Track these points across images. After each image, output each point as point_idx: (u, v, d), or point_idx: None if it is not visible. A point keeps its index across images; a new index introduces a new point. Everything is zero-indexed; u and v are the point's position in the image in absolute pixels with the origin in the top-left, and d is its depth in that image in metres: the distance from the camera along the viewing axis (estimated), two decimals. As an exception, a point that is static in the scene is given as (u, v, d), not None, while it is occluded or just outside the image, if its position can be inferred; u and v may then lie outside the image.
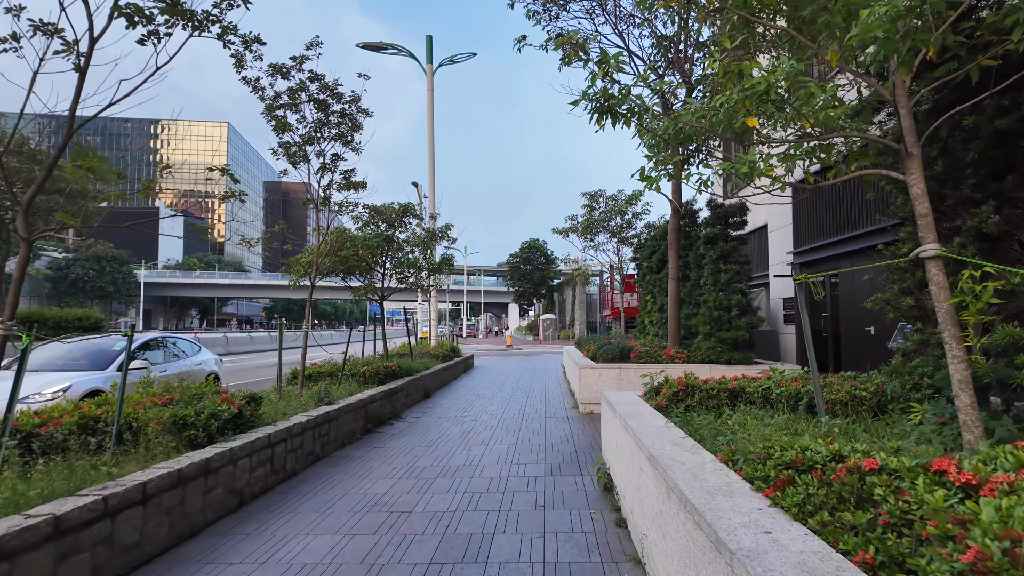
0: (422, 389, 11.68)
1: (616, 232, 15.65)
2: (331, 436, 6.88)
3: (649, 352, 9.70)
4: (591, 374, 9.35)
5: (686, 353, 9.71)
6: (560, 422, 8.65)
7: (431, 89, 19.65)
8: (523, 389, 13.07)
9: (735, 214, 9.68)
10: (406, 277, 12.08)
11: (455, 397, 11.92)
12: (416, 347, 16.15)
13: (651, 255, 12.69)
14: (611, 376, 9.31)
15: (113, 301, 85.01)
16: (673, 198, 10.21)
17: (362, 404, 7.97)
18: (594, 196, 15.72)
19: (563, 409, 9.93)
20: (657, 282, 12.15)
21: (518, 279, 61.00)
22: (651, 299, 12.63)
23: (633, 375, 9.27)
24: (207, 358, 11.11)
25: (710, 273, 9.55)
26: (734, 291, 9.32)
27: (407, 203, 11.82)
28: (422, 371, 12.14)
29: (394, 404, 9.47)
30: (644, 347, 10.21)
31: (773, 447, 2.63)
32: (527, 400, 11.20)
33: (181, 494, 4.15)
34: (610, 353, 9.74)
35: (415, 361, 13.01)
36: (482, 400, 11.39)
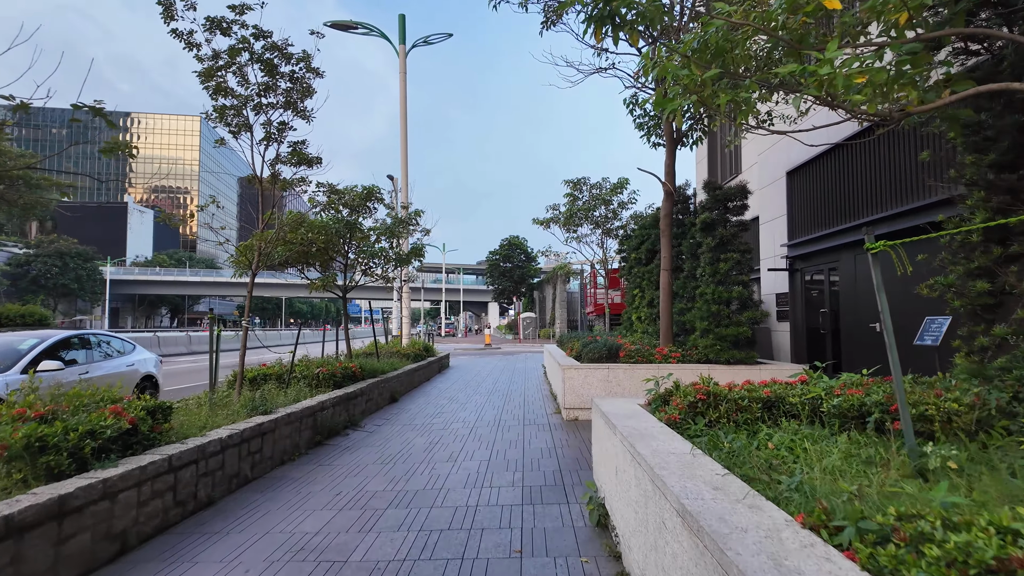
0: (387, 392, 10.51)
1: (600, 223, 14.61)
2: (265, 453, 5.70)
3: (640, 351, 8.68)
4: (576, 376, 8.29)
5: (680, 352, 8.72)
6: (541, 431, 7.57)
7: (403, 72, 18.46)
8: (500, 391, 11.98)
9: (735, 197, 8.71)
10: (371, 268, 10.90)
11: (425, 401, 10.78)
12: (386, 346, 14.96)
13: (639, 245, 11.71)
14: (598, 378, 8.26)
15: (78, 299, 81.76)
16: (666, 180, 9.21)
17: (309, 412, 6.79)
18: (577, 184, 14.65)
19: (544, 415, 8.85)
20: (646, 275, 11.17)
21: (498, 277, 59.90)
22: (639, 294, 11.65)
23: (623, 377, 8.24)
24: (142, 358, 9.78)
25: (708, 263, 8.57)
26: (734, 283, 8.34)
27: (371, 185, 10.64)
28: (388, 372, 10.98)
29: (351, 411, 8.31)
30: (634, 345, 9.19)
31: (922, 526, 1.52)
32: (504, 404, 10.11)
33: (13, 550, 2.96)
34: (596, 352, 8.70)
35: (381, 362, 11.83)
36: (454, 404, 10.27)
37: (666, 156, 9.30)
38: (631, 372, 8.26)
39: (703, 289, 8.57)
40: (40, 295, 74.09)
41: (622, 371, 8.26)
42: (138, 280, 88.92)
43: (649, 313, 10.84)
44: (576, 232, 14.82)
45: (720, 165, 18.67)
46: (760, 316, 8.23)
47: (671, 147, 9.20)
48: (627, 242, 12.83)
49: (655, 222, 11.45)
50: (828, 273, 12.45)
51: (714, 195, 8.75)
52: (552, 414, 8.90)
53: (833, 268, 12.25)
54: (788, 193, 13.71)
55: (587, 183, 14.71)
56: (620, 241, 13.69)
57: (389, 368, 11.40)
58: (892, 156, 10.25)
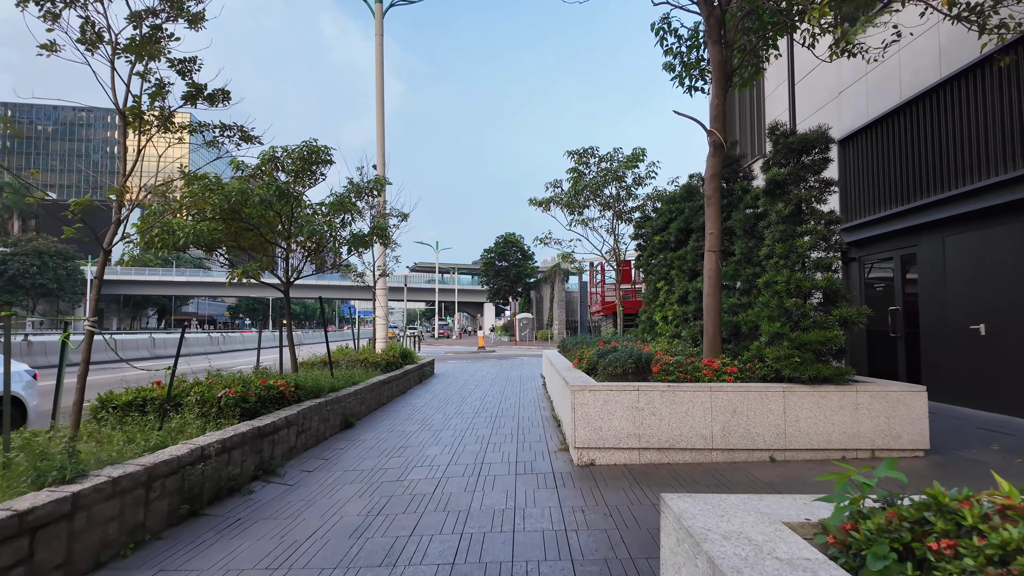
0: (339, 416, 7.96)
1: (611, 204, 12.05)
2: (43, 560, 3.14)
3: (681, 364, 6.14)
4: (591, 401, 5.74)
5: (737, 365, 6.20)
6: (543, 490, 5.02)
7: (380, 34, 15.93)
8: (489, 411, 9.42)
9: (814, 146, 6.18)
10: (316, 250, 8.33)
11: (388, 427, 8.22)
12: (353, 353, 12.40)
13: (666, 225, 9.18)
14: (624, 405, 5.72)
15: (59, 300, 78.82)
16: (713, 126, 6.68)
17: (169, 469, 4.23)
18: (583, 156, 12.05)
19: (546, 454, 6.30)
20: (676, 262, 8.65)
21: (493, 276, 57.36)
22: (665, 287, 9.13)
23: (662, 404, 5.70)
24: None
25: (778, 239, 6.05)
26: (818, 267, 5.82)
27: (317, 144, 8.09)
28: (341, 389, 8.42)
29: (268, 451, 5.75)
30: (671, 355, 6.66)
31: None
32: (492, 434, 7.56)
33: None
34: (619, 365, 6.16)
35: (337, 374, 9.27)
36: (426, 433, 7.71)
37: (712, 96, 6.78)
38: (672, 396, 5.72)
39: (771, 276, 6.04)
40: (17, 295, 71.24)
41: (658, 395, 5.72)
42: (122, 280, 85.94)
43: (681, 312, 8.31)
44: (582, 215, 12.28)
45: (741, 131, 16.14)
46: (858, 315, 5.70)
47: (720, 81, 6.68)
48: (647, 224, 10.30)
49: (688, 194, 8.91)
50: (900, 262, 9.92)
51: (786, 144, 6.22)
52: (557, 452, 6.35)
53: (908, 255, 9.72)
54: (840, 166, 11.21)
55: (595, 154, 12.09)
56: (636, 225, 11.21)
57: (344, 383, 8.84)
58: (1006, 101, 7.75)
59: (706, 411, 5.71)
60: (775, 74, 14.27)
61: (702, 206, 8.24)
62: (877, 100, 10.29)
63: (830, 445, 5.71)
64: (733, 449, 5.72)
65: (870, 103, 10.52)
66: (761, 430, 5.70)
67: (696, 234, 8.02)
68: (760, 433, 5.70)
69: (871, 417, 5.70)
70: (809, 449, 5.72)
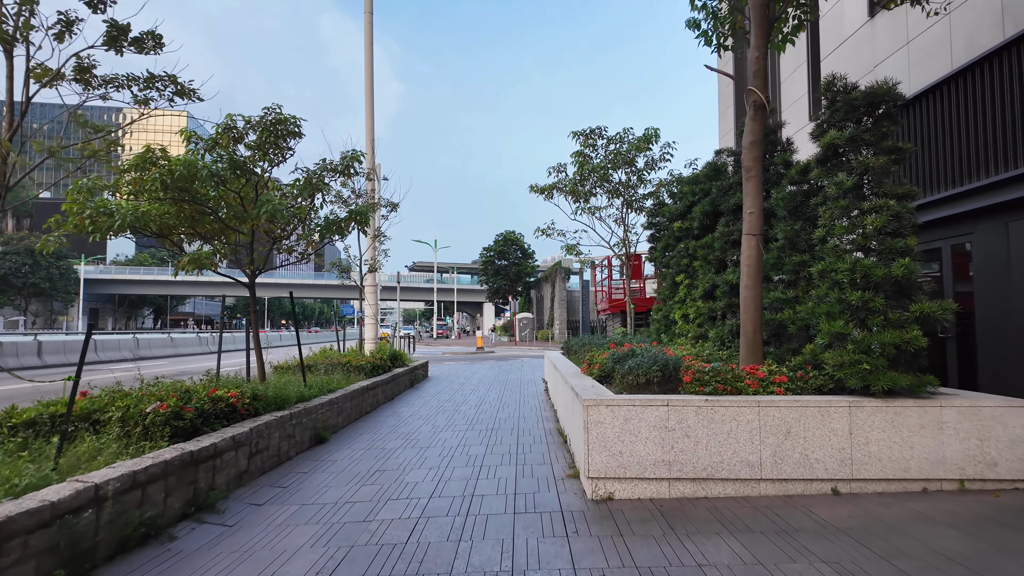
0: (309, 431, 6.81)
1: (620, 191, 10.84)
2: None
3: (717, 373, 4.99)
4: (609, 419, 4.58)
5: (785, 373, 5.05)
6: (551, 541, 3.86)
7: (370, 11, 14.78)
8: (484, 423, 8.28)
9: (882, 102, 5.02)
10: (284, 237, 7.17)
11: (365, 445, 7.06)
12: (338, 356, 11.27)
13: (688, 209, 8.02)
14: (651, 424, 4.56)
15: (52, 300, 77.59)
16: (754, 83, 5.53)
17: (33, 524, 3.07)
18: (589, 137, 10.84)
19: (551, 482, 5.15)
20: (699, 252, 7.48)
21: (492, 275, 56.21)
22: (685, 280, 7.97)
23: (698, 423, 4.55)
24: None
25: (837, 216, 4.90)
26: (893, 251, 4.67)
27: (288, 114, 6.94)
28: (313, 399, 7.29)
29: (202, 483, 4.59)
30: (702, 361, 5.51)
31: None
32: (487, 452, 6.41)
33: None
34: (643, 374, 5.00)
35: (310, 381, 8.13)
36: (409, 451, 6.56)
37: (752, 48, 5.63)
38: (710, 413, 4.56)
39: (829, 264, 4.89)
40: (9, 294, 70.01)
41: (693, 411, 4.56)
42: (116, 279, 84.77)
43: (707, 309, 7.15)
44: (588, 203, 11.08)
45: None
46: (942, 312, 4.55)
47: (761, 29, 5.53)
48: (664, 210, 9.13)
49: (715, 173, 7.74)
50: (951, 252, 8.76)
51: (847, 101, 5.06)
52: (565, 479, 5.19)
53: (960, 244, 8.56)
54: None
55: (603, 135, 10.89)
56: (650, 213, 10.03)
57: (318, 391, 7.70)
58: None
59: (753, 431, 4.56)
60: (792, 58, 13.13)
61: (732, 185, 7.09)
62: (921, 71, 9.12)
63: (908, 474, 4.56)
64: (787, 479, 4.57)
65: (912, 76, 9.35)
66: (821, 455, 4.55)
67: (726, 217, 6.86)
68: (820, 459, 4.55)
69: (959, 439, 4.56)
70: (882, 479, 4.57)
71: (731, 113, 16.46)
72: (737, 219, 6.79)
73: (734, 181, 6.97)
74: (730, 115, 16.49)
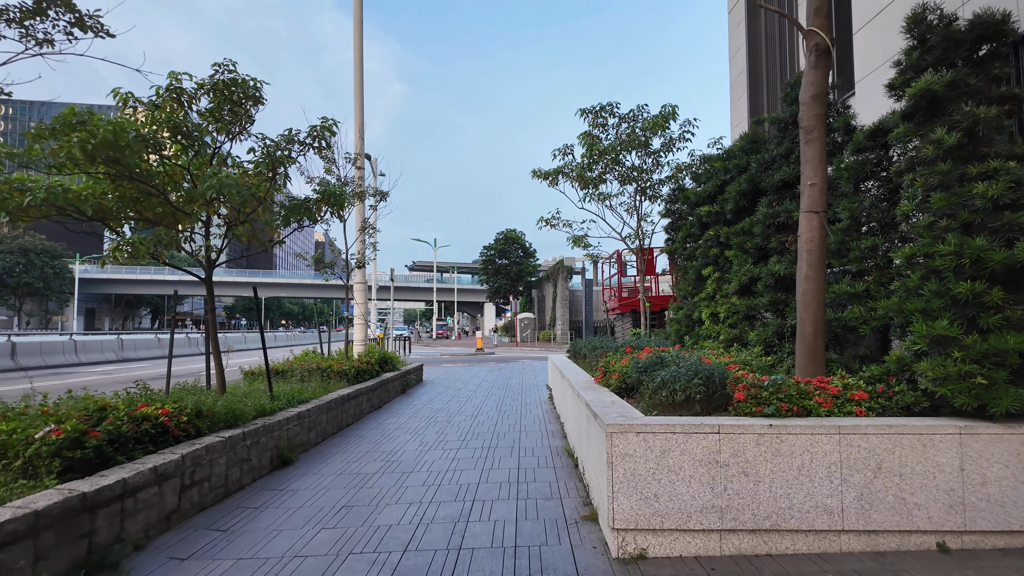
0: (270, 451, 5.70)
1: (634, 176, 9.65)
2: None
3: (776, 388, 3.86)
4: (639, 451, 3.45)
5: (866, 389, 3.92)
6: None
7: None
8: (480, 439, 7.16)
9: (991, 38, 3.89)
10: (238, 220, 6.04)
11: (337, 469, 5.94)
12: (318, 359, 10.16)
13: (719, 190, 6.87)
14: (696, 458, 3.44)
15: (47, 300, 76.49)
16: (814, 24, 4.40)
17: None
18: (599, 114, 9.64)
19: (562, 528, 4.03)
20: (733, 239, 6.33)
21: (493, 274, 55.08)
22: (714, 273, 6.84)
23: (761, 457, 3.42)
24: None
25: (934, 185, 3.77)
26: (1013, 229, 3.54)
27: (245, 76, 5.82)
28: (277, 412, 6.18)
29: (101, 536, 3.46)
30: (752, 369, 4.40)
31: None
32: (482, 479, 5.29)
33: None
34: (679, 389, 3.87)
35: (279, 391, 7.02)
36: (388, 478, 5.43)
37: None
38: (775, 443, 3.43)
39: (923, 246, 3.76)
40: (2, 294, 68.89)
41: (753, 441, 3.43)
42: (112, 279, 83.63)
43: (744, 306, 6.00)
44: (598, 189, 9.90)
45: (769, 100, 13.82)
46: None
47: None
48: (688, 193, 7.96)
49: (752, 145, 6.60)
50: None
51: (946, 35, 3.93)
52: (580, 522, 4.07)
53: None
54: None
55: (614, 112, 9.70)
56: (668, 199, 8.88)
57: (284, 403, 6.58)
58: None
59: (832, 467, 3.43)
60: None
61: (777, 157, 5.95)
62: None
63: (1039, 524, 3.42)
64: (877, 531, 3.44)
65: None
66: (923, 498, 3.42)
67: (769, 196, 5.74)
68: (922, 504, 3.42)
69: (1107, 477, 3.43)
70: (1005, 531, 3.44)
71: (744, 102, 15.34)
72: (784, 197, 5.67)
73: (778, 153, 5.84)
74: (743, 104, 15.37)
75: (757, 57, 15.51)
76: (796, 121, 5.76)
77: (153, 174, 5.69)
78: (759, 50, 15.47)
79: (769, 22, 15.11)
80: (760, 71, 15.38)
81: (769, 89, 14.70)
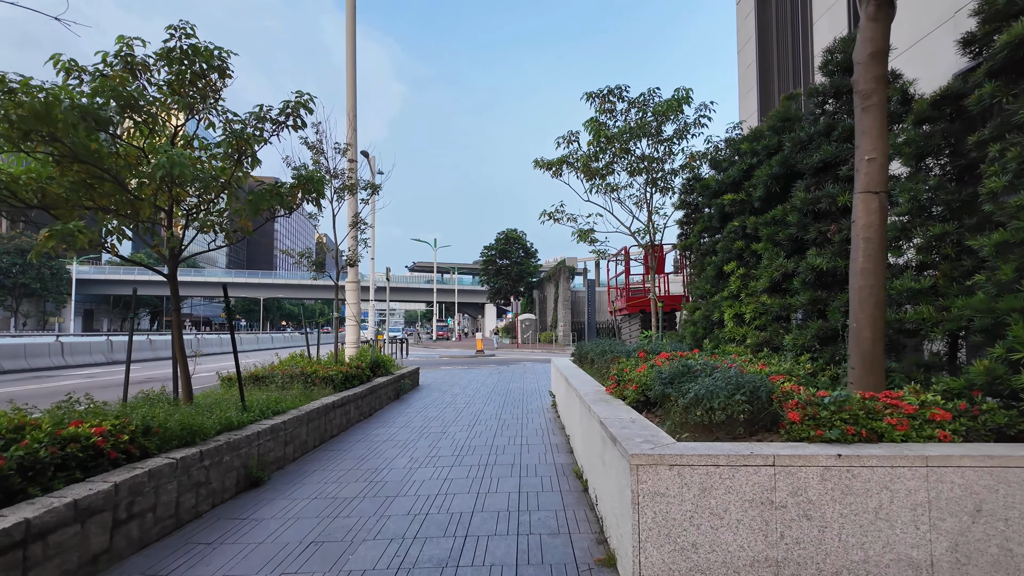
0: (236, 472, 4.98)
1: (645, 167, 8.86)
2: None
3: (840, 404, 3.12)
4: (674, 487, 2.72)
5: (944, 406, 3.19)
6: None
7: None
8: (477, 454, 6.44)
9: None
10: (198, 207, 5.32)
11: (312, 492, 5.21)
12: (305, 363, 9.46)
13: (744, 176, 6.14)
14: (745, 496, 2.71)
15: (44, 301, 75.85)
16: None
17: None
18: (606, 98, 8.83)
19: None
20: (762, 230, 5.58)
21: (493, 275, 54.33)
22: (739, 269, 6.12)
23: (827, 497, 2.69)
24: None
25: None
26: None
27: (206, 45, 5.10)
28: (246, 427, 5.46)
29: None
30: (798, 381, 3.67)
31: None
32: (476, 507, 4.56)
33: None
34: (718, 406, 3.13)
35: (252, 401, 6.31)
36: (368, 505, 4.70)
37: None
38: (846, 479, 2.70)
39: (1020, 231, 3.03)
40: None
41: (816, 476, 2.70)
42: (111, 280, 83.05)
43: (776, 305, 5.25)
44: (605, 180, 9.13)
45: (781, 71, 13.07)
46: None
47: None
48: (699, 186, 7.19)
49: (783, 124, 5.87)
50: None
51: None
52: (594, 570, 3.34)
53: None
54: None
55: (623, 96, 8.92)
56: (684, 189, 8.13)
57: (256, 415, 5.86)
58: None
59: (917, 509, 2.70)
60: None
61: (815, 135, 5.22)
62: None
63: None
64: (976, 592, 2.70)
65: None
66: (1033, 549, 2.69)
67: (807, 180, 5.00)
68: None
69: None
70: None
71: (753, 96, 14.64)
72: (824, 181, 4.93)
73: (817, 130, 5.11)
74: (752, 98, 14.67)
75: (768, 49, 14.82)
76: (837, 93, 5.03)
77: (104, 155, 4.98)
78: (770, 41, 14.78)
79: (780, 11, 14.41)
80: (771, 63, 14.68)
81: (780, 81, 14.00)
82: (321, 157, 10.25)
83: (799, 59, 13.06)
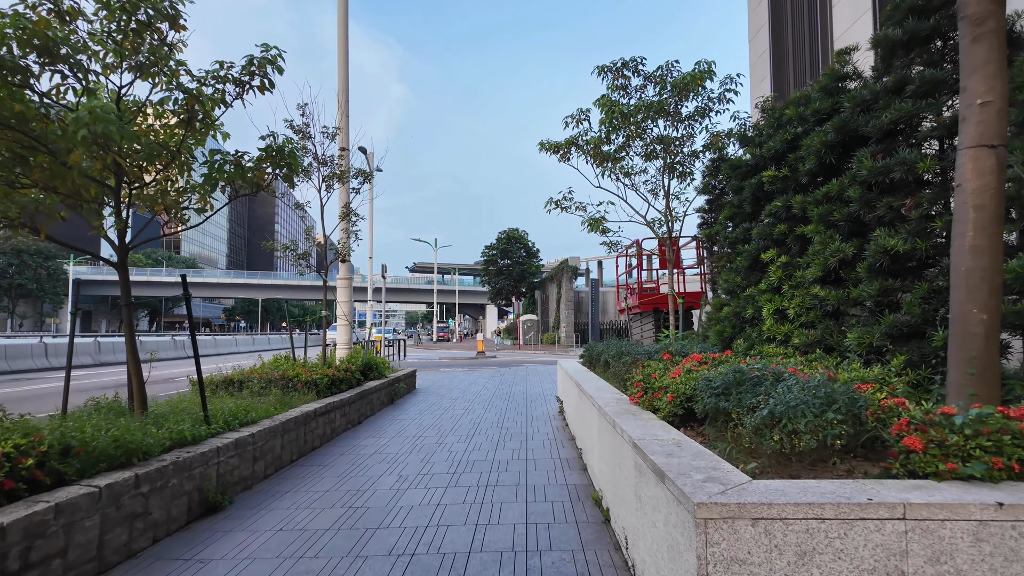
0: (187, 497, 4.14)
1: (662, 151, 7.98)
2: None
3: (978, 426, 2.26)
4: (761, 547, 1.89)
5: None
6: None
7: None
8: (476, 472, 5.59)
9: None
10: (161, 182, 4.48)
11: (276, 523, 4.36)
12: (286, 366, 8.65)
13: (789, 147, 5.27)
14: (862, 565, 1.86)
15: (41, 302, 75.07)
16: None
17: None
18: (620, 72, 7.93)
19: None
20: (811, 210, 4.71)
21: (494, 275, 53.50)
22: (779, 257, 5.27)
23: (980, 563, 1.83)
24: None
25: None
26: None
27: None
28: (203, 441, 4.62)
29: None
30: (890, 391, 2.82)
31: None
32: (474, 546, 3.71)
33: None
34: (805, 429, 2.27)
35: (217, 410, 5.48)
36: (344, 539, 3.85)
37: None
38: (1012, 540, 1.84)
39: None
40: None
41: (969, 534, 1.85)
42: (109, 280, 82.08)
43: (834, 298, 4.37)
44: (618, 165, 8.25)
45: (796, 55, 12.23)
46: None
47: None
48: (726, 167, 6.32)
49: (836, 85, 5.02)
50: None
51: None
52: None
53: None
54: None
55: (639, 69, 8.01)
56: (709, 170, 7.27)
57: (220, 427, 5.02)
58: None
59: (1116, 583, 1.83)
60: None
61: (881, 93, 4.36)
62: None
63: None
64: None
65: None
66: None
67: (872, 147, 4.13)
68: None
69: None
70: None
71: (766, 84, 13.81)
72: (894, 146, 4.07)
73: (885, 87, 4.26)
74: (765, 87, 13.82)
75: (782, 36, 14.02)
76: (909, 42, 4.18)
77: (29, 118, 4.15)
78: (784, 27, 13.99)
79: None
80: (785, 50, 13.88)
81: (796, 67, 13.19)
82: (308, 141, 9.42)
83: (816, 47, 12.25)
